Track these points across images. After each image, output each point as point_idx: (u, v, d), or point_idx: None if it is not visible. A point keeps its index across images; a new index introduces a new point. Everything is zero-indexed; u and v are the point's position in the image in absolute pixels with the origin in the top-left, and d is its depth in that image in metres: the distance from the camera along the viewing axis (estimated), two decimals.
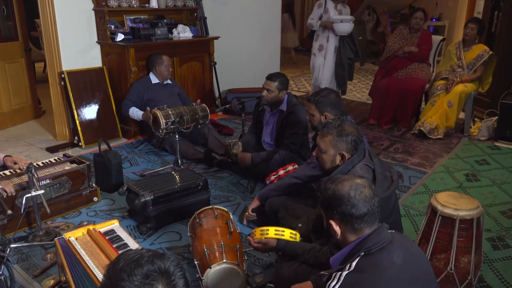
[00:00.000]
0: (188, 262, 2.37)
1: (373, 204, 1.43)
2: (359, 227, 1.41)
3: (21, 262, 2.39)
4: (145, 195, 2.64)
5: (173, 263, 0.98)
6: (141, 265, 0.95)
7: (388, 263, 1.32)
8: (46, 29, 4.00)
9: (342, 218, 1.43)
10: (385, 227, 1.44)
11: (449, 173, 3.55)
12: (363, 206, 1.41)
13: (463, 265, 1.97)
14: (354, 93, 6.64)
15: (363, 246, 1.38)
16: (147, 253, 0.99)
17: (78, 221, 2.81)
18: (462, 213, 1.92)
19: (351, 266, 1.34)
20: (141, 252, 1.00)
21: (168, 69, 4.17)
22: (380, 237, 1.39)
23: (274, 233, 2.08)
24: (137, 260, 0.96)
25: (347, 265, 1.35)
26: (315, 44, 4.95)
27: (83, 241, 2.06)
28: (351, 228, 1.43)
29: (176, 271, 0.97)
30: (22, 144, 4.24)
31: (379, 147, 4.16)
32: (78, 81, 4.11)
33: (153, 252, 1.00)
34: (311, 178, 2.54)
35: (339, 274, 1.34)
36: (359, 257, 1.36)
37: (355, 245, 1.41)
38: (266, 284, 2.19)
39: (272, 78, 3.27)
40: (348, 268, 1.34)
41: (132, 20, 4.56)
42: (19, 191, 2.59)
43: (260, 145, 3.55)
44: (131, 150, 4.08)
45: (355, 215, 1.40)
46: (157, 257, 0.98)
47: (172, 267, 0.97)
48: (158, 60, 4.13)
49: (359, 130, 2.06)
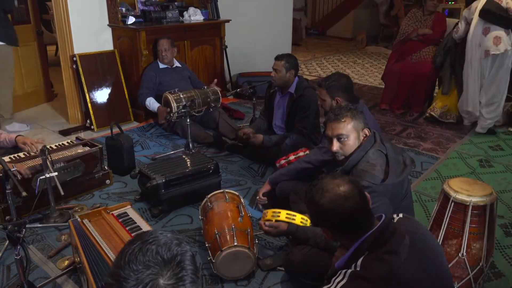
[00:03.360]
0: (199, 245, 2.40)
1: (362, 210, 1.35)
2: (354, 234, 1.35)
3: (36, 242, 2.44)
4: (157, 179, 2.66)
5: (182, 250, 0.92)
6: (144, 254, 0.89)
7: (394, 259, 1.28)
8: (58, 12, 4.00)
9: (332, 229, 1.39)
10: (388, 219, 1.38)
11: (462, 159, 3.51)
12: (349, 218, 1.34)
13: (475, 251, 1.96)
14: (366, 77, 6.56)
15: (364, 246, 1.33)
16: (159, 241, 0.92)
17: (91, 203, 2.85)
18: (475, 199, 1.90)
19: (356, 266, 1.31)
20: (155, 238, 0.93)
21: (164, 53, 4.03)
22: (381, 232, 1.33)
23: (286, 216, 2.08)
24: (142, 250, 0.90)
25: (352, 265, 1.32)
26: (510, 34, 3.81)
27: (97, 223, 2.09)
28: (345, 237, 1.39)
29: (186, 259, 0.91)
30: (35, 127, 4.28)
31: (391, 132, 4.12)
32: (90, 64, 4.13)
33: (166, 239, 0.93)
34: (322, 163, 2.53)
35: (345, 271, 1.32)
36: (363, 255, 1.32)
37: (355, 248, 1.35)
38: (276, 267, 2.21)
39: (279, 58, 3.27)
40: (354, 267, 1.31)
41: (143, 2, 4.53)
42: (33, 174, 2.63)
43: (271, 129, 3.54)
44: (142, 133, 4.10)
45: (342, 228, 1.36)
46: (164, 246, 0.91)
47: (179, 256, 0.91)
48: (155, 44, 4.11)
49: None
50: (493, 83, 3.89)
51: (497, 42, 3.74)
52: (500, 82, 3.87)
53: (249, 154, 3.48)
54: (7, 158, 2.68)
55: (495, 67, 3.84)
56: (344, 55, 8.31)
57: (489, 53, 3.78)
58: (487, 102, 3.96)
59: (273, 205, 2.70)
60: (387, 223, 1.36)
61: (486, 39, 3.78)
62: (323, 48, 9.01)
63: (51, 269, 2.21)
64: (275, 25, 5.73)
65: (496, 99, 3.93)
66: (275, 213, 2.11)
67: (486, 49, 3.79)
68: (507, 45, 3.73)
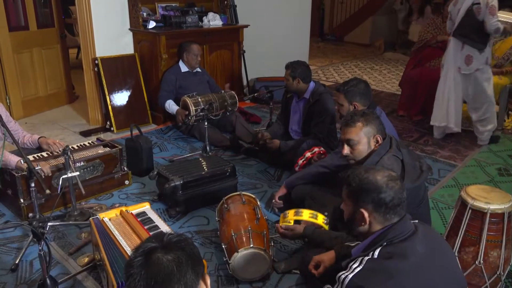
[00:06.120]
0: (216, 246, 2.43)
1: (404, 196, 1.45)
2: (390, 217, 1.43)
3: (57, 240, 2.50)
4: (174, 180, 2.71)
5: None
6: None
7: (411, 252, 1.33)
8: (81, 16, 4.11)
9: (375, 207, 1.43)
10: (408, 218, 1.45)
11: (480, 167, 3.48)
12: (397, 197, 1.42)
13: (492, 259, 1.94)
14: (383, 83, 6.54)
15: (385, 236, 1.39)
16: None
17: (110, 203, 2.91)
18: (493, 207, 1.89)
19: (374, 254, 1.35)
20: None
21: (197, 58, 4.16)
22: (404, 227, 1.40)
23: (309, 215, 2.11)
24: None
25: (370, 253, 1.36)
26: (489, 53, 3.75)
27: (117, 222, 2.14)
28: (382, 218, 1.43)
29: None
30: (56, 127, 4.39)
31: (409, 139, 4.10)
32: (111, 67, 4.22)
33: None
34: (339, 168, 2.53)
35: (361, 258, 1.36)
36: (381, 246, 1.37)
37: (378, 235, 1.42)
38: (291, 270, 2.22)
39: (286, 67, 3.33)
40: (371, 255, 1.35)
41: (163, 7, 4.62)
42: (55, 172, 2.70)
43: (287, 134, 3.56)
44: (160, 136, 4.17)
45: (389, 205, 1.42)
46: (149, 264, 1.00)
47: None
48: (187, 49, 4.17)
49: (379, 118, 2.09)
50: (477, 99, 3.79)
51: (469, 62, 3.67)
52: (485, 97, 3.75)
53: (265, 158, 3.51)
54: (31, 157, 2.76)
55: (473, 84, 3.74)
56: (362, 61, 8.29)
57: (460, 71, 3.72)
58: (479, 118, 3.86)
59: (288, 208, 2.71)
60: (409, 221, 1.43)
61: (459, 56, 3.70)
62: (341, 54, 9.00)
63: (71, 265, 2.27)
64: (293, 31, 5.76)
65: (488, 113, 3.83)
66: (297, 212, 2.14)
67: (458, 66, 3.72)
68: (478, 64, 3.64)
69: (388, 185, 1.43)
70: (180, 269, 0.98)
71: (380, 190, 1.42)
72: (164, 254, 1.00)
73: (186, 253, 1.01)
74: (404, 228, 1.39)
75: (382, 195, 1.42)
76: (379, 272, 1.30)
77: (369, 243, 1.43)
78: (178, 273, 0.98)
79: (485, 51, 3.62)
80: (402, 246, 1.35)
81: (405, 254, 1.32)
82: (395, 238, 1.37)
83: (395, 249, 1.35)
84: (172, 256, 0.99)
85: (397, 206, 1.42)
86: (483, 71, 3.67)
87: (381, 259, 1.33)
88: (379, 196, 1.42)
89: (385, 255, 1.34)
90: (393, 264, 1.31)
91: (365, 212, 1.45)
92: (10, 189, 2.70)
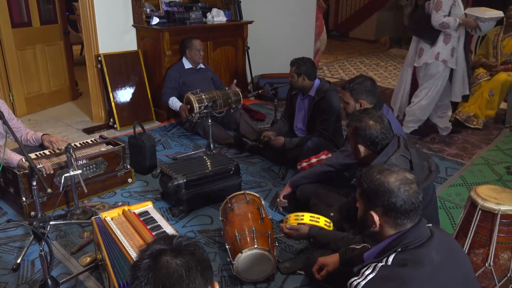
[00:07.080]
0: (219, 246, 2.39)
1: (419, 200, 1.39)
2: (402, 222, 1.37)
3: (59, 239, 2.48)
4: (178, 178, 2.68)
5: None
6: None
7: (427, 260, 1.27)
8: (85, 12, 4.07)
9: (385, 211, 1.38)
10: (424, 223, 1.39)
11: (488, 165, 3.42)
12: (410, 202, 1.36)
13: (502, 261, 1.90)
14: (389, 80, 6.47)
15: (400, 241, 1.33)
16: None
17: (113, 201, 2.88)
18: (504, 208, 1.85)
19: (387, 261, 1.30)
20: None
21: (199, 54, 4.12)
22: (419, 233, 1.34)
23: (310, 219, 2.07)
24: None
25: (384, 259, 1.31)
26: (445, 48, 3.67)
27: (119, 221, 2.11)
28: (393, 222, 1.38)
29: None
30: (60, 124, 4.37)
31: (415, 137, 4.04)
32: (114, 64, 4.18)
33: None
34: (344, 167, 2.50)
35: (374, 265, 1.31)
36: (395, 252, 1.32)
37: (392, 240, 1.36)
38: (296, 271, 2.19)
39: (291, 63, 3.28)
40: (385, 262, 1.30)
41: (167, 3, 4.58)
42: (58, 170, 2.67)
43: (292, 131, 3.52)
44: (164, 133, 4.13)
45: (400, 210, 1.36)
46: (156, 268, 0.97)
47: None
48: (189, 45, 4.12)
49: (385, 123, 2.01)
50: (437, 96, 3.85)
51: (420, 54, 3.76)
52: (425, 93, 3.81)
53: (269, 155, 3.47)
54: (33, 155, 2.74)
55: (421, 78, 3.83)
56: (367, 58, 8.22)
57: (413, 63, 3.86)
58: (441, 115, 4.03)
59: (293, 207, 2.68)
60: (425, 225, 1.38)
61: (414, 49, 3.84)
62: (346, 50, 8.93)
63: (73, 265, 2.25)
64: (298, 27, 5.70)
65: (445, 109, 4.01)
66: (298, 216, 2.10)
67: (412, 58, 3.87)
68: (427, 58, 3.69)
69: (400, 189, 1.36)
70: (189, 274, 0.96)
71: (390, 194, 1.36)
72: (173, 257, 0.97)
73: (195, 258, 0.99)
74: (420, 233, 1.34)
75: (392, 199, 1.36)
76: (393, 279, 1.25)
77: (382, 249, 1.37)
78: (187, 278, 0.95)
79: (437, 46, 3.66)
80: (418, 252, 1.29)
81: (420, 261, 1.26)
82: (410, 244, 1.31)
83: (410, 255, 1.29)
84: (181, 260, 0.97)
85: (410, 212, 1.36)
86: (430, 66, 3.72)
87: (395, 266, 1.28)
88: (390, 200, 1.36)
89: (399, 261, 1.28)
90: (408, 271, 1.25)
91: (375, 215, 1.40)
92: (12, 187, 2.67)
